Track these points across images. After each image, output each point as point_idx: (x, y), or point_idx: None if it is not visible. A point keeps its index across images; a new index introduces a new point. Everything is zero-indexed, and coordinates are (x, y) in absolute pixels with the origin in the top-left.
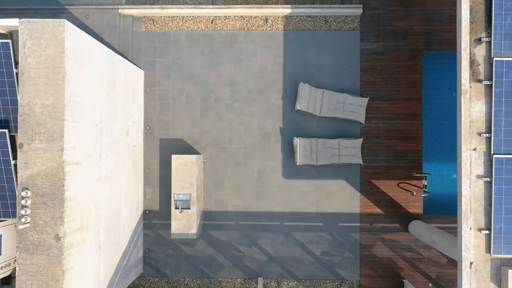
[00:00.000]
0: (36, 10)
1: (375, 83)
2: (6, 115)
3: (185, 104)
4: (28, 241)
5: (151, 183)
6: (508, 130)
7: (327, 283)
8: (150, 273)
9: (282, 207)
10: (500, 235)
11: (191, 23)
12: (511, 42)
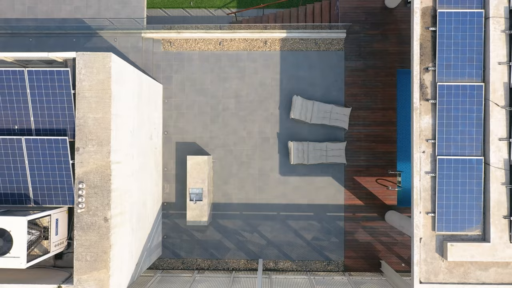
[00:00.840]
0: (73, 34)
1: (357, 95)
2: (65, 125)
3: (197, 113)
4: (83, 222)
5: (168, 180)
6: (448, 137)
7: (317, 263)
8: (168, 255)
9: (279, 199)
10: (442, 217)
11: (202, 45)
12: (450, 71)
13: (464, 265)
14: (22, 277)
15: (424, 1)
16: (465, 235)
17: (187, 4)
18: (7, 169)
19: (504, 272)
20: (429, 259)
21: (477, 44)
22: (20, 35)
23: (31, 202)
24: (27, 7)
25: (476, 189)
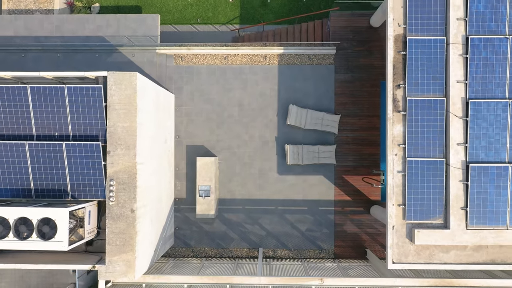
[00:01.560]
0: (96, 50)
1: (345, 104)
2: (98, 132)
3: (205, 119)
4: (113, 213)
5: (180, 178)
6: (416, 142)
7: (310, 251)
8: (179, 245)
9: (277, 195)
10: (411, 208)
11: (209, 59)
12: (418, 87)
13: (429, 248)
14: (61, 259)
15: (396, 30)
16: (430, 223)
17: (194, 21)
18: (49, 168)
19: (462, 254)
20: (400, 243)
21: (439, 65)
22: (50, 51)
23: (68, 197)
24: (55, 26)
25: (438, 185)
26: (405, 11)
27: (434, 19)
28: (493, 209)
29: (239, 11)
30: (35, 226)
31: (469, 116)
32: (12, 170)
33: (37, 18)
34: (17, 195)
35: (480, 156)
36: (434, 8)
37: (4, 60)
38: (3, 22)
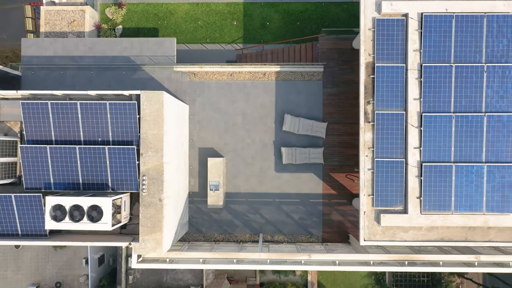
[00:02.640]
0: (123, 68)
1: (332, 113)
2: (132, 138)
3: (214, 126)
4: (145, 201)
5: (193, 175)
6: (382, 146)
7: (302, 236)
8: (193, 231)
9: (274, 189)
10: (378, 198)
11: (218, 76)
12: (384, 103)
13: (392, 228)
14: (104, 239)
15: (367, 58)
16: (393, 209)
17: (204, 40)
18: (94, 167)
19: (418, 233)
20: (370, 225)
21: (400, 86)
22: (84, 69)
23: (109, 189)
24: (88, 47)
25: (399, 180)
26: (374, 43)
27: (396, 50)
28: (441, 198)
29: (242, 32)
30: (85, 211)
31: (422, 126)
32: (65, 168)
33: (73, 41)
34: (68, 187)
35: (431, 157)
36: (396, 42)
37: (46, 77)
38: (44, 44)
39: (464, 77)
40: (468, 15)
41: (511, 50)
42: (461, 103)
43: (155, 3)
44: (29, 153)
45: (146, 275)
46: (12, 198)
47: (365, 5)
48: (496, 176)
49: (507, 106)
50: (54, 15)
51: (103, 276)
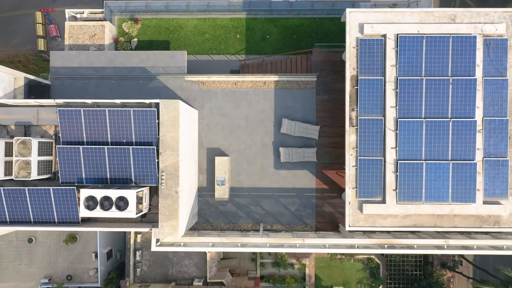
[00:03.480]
0: (140, 78)
1: (324, 117)
2: (152, 139)
3: (220, 129)
4: (164, 193)
5: (202, 172)
6: (364, 147)
7: (298, 226)
8: (201, 221)
9: (273, 184)
10: (361, 190)
11: (223, 84)
12: (366, 110)
13: (373, 216)
14: (128, 225)
15: (352, 72)
16: (373, 200)
17: (210, 52)
18: (120, 164)
19: (395, 220)
20: (354, 213)
21: (380, 96)
22: (106, 79)
23: (132, 183)
24: (109, 59)
25: (379, 175)
26: (357, 59)
27: (376, 65)
28: (413, 190)
29: (245, 44)
30: (114, 201)
31: (398, 129)
32: (95, 165)
33: (95, 53)
34: (98, 182)
35: (405, 156)
36: (376, 58)
37: (72, 85)
38: (70, 56)
39: (433, 88)
40: (436, 36)
41: (472, 65)
42: (430, 110)
43: (166, 18)
44: (65, 153)
45: (153, 268)
46: (50, 190)
47: (350, 27)
48: (460, 171)
49: (469, 113)
50: (77, 30)
51: (111, 270)
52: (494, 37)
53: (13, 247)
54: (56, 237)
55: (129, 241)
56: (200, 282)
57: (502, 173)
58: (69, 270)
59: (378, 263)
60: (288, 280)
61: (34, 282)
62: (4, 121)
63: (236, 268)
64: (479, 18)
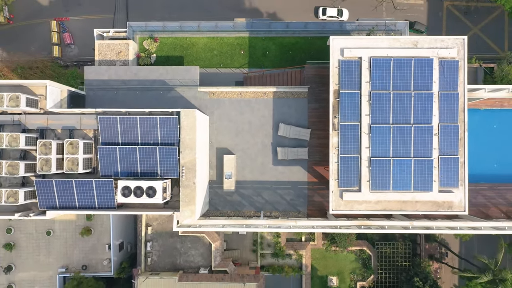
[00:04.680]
0: (160, 89)
1: (314, 122)
2: (174, 141)
3: (227, 132)
4: (184, 184)
5: (212, 168)
6: (344, 147)
7: (292, 213)
8: (211, 209)
9: (272, 178)
10: (342, 181)
11: (230, 94)
12: (345, 117)
13: (351, 202)
14: (154, 210)
15: (334, 87)
16: (351, 189)
17: (218, 65)
18: (149, 161)
19: (369, 205)
20: (336, 200)
21: (356, 106)
22: (131, 90)
23: (158, 176)
24: (134, 73)
25: (356, 169)
26: (339, 77)
27: (354, 82)
28: (383, 181)
29: (248, 59)
30: (144, 190)
31: (371, 133)
32: (128, 161)
33: (122, 68)
34: (130, 175)
35: (376, 154)
36: (354, 76)
37: (104, 95)
38: (101, 71)
39: (398, 100)
40: (402, 59)
41: (430, 82)
42: (396, 117)
43: (181, 37)
44: (104, 152)
45: (163, 257)
46: (93, 182)
47: (333, 50)
48: (420, 166)
49: (427, 120)
50: (105, 47)
51: (123, 260)
52: (448, 59)
53: (32, 239)
54: (72, 230)
55: (140, 233)
56: (205, 270)
57: (453, 168)
58: (84, 260)
59: (370, 254)
60: (286, 269)
61: (52, 272)
62: (53, 126)
63: (238, 258)
64: (436, 43)
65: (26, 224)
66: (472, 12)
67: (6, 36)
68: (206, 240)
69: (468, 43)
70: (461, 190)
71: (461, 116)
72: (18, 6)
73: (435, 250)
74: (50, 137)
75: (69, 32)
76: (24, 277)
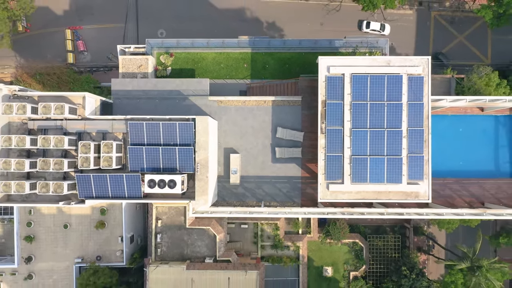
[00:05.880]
0: (176, 98)
1: (307, 126)
2: (190, 142)
3: (233, 134)
4: (199, 177)
5: (220, 165)
6: (331, 147)
7: (288, 203)
8: (220, 199)
9: (271, 174)
10: (328, 175)
11: (236, 103)
12: (331, 123)
13: (336, 192)
14: (174, 199)
15: (322, 98)
16: (336, 182)
17: (225, 77)
18: (169, 158)
19: (350, 195)
20: (324, 191)
21: (340, 114)
22: (152, 99)
23: (177, 171)
24: (153, 84)
25: (339, 165)
26: (326, 90)
27: (338, 94)
28: (362, 175)
29: (250, 71)
30: (166, 182)
31: (351, 135)
32: (152, 159)
33: (143, 80)
34: (154, 170)
35: (356, 152)
36: (338, 89)
37: (128, 104)
38: (125, 82)
39: (374, 109)
40: (377, 75)
41: (400, 94)
42: (373, 122)
43: (192, 52)
44: (133, 151)
45: (171, 248)
46: (123, 176)
47: (321, 68)
48: (392, 163)
49: (398, 125)
50: (128, 62)
51: (134, 251)
52: (415, 75)
53: (50, 232)
54: (88, 223)
55: (151, 226)
56: (210, 259)
57: (419, 164)
58: (98, 251)
59: (362, 246)
60: (284, 260)
61: (68, 262)
62: (90, 130)
63: (240, 249)
64: (406, 62)
65: (45, 218)
66: (457, 22)
67: (23, 44)
68: (211, 232)
69: (453, 50)
70: (425, 183)
71: (426, 122)
72: (35, 15)
73: (423, 243)
74: (86, 139)
75: (82, 40)
76: (43, 267)
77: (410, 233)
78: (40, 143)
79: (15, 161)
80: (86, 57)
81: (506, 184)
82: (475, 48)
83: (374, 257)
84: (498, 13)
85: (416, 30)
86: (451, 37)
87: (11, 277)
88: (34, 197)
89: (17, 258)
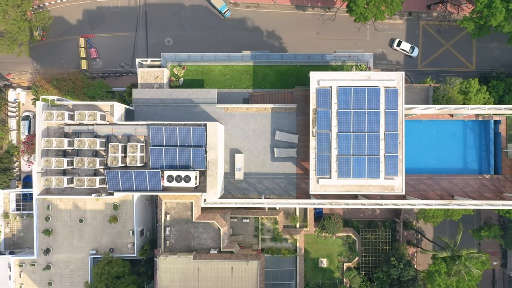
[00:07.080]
0: (189, 105)
1: (301, 130)
2: (202, 143)
3: (237, 137)
4: (209, 173)
5: (226, 163)
6: (320, 147)
7: (285, 196)
8: (226, 193)
9: (271, 171)
10: (318, 171)
11: (240, 109)
12: (321, 127)
13: (325, 186)
14: (187, 192)
15: (313, 107)
16: (325, 177)
17: (230, 86)
18: (184, 157)
19: (337, 188)
20: (314, 184)
21: (328, 119)
22: (168, 106)
23: (191, 168)
24: (169, 93)
25: (328, 163)
26: (316, 100)
27: (326, 103)
28: (346, 171)
29: (252, 82)
30: (183, 177)
31: (338, 138)
32: (170, 158)
33: (160, 90)
34: (172, 168)
35: (342, 152)
36: (326, 99)
37: (147, 110)
38: (144, 92)
39: (357, 116)
40: (359, 88)
41: (378, 103)
42: (356, 127)
43: (202, 65)
44: (154, 151)
45: (179, 240)
46: (146, 172)
47: (312, 81)
48: (371, 161)
49: (376, 129)
50: (146, 74)
51: (144, 244)
52: (391, 88)
53: (67, 226)
54: (101, 218)
55: (160, 220)
56: (215, 251)
57: (394, 162)
58: (111, 244)
59: (355, 239)
60: (283, 251)
61: (84, 254)
62: (116, 133)
63: (242, 242)
64: (383, 77)
65: (62, 213)
66: (444, 31)
67: (39, 51)
68: (216, 226)
69: (441, 57)
70: (400, 178)
71: (400, 127)
72: (50, 24)
73: (412, 237)
74: (113, 141)
75: (94, 48)
76: (60, 258)
77: (400, 227)
78: (76, 144)
79: (55, 159)
80: (98, 64)
81: (472, 179)
82: (461, 56)
83: (366, 250)
84: (479, 24)
85: (405, 38)
86: (439, 44)
87: (30, 268)
88: (69, 190)
89: (36, 250)
